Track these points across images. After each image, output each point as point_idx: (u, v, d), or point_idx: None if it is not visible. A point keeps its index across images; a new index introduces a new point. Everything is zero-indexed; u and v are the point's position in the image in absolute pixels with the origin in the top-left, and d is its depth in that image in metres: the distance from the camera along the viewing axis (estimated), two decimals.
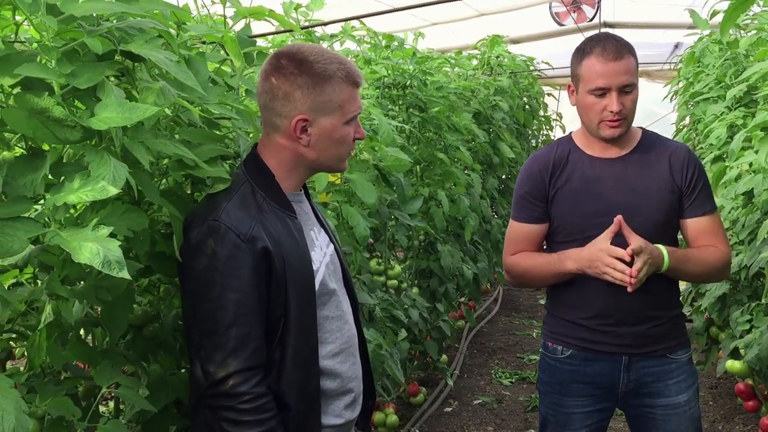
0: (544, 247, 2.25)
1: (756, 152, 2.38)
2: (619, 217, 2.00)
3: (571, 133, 2.21)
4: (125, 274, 1.12)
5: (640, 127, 2.19)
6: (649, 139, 2.15)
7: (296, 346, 1.55)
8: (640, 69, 2.16)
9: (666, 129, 6.26)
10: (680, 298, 2.17)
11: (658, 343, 2.11)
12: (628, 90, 2.02)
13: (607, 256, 1.98)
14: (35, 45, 1.31)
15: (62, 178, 1.25)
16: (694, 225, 2.10)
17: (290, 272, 1.54)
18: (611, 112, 2.01)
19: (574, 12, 8.56)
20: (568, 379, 2.18)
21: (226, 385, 1.46)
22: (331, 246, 1.73)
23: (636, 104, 2.06)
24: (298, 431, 1.56)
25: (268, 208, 1.56)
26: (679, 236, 2.19)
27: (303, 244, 1.60)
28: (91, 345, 1.70)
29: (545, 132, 8.28)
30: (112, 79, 1.44)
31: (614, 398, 2.18)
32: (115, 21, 1.39)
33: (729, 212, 3.06)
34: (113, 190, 1.18)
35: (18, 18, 1.35)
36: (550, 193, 2.15)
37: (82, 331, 1.71)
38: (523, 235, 2.21)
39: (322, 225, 1.75)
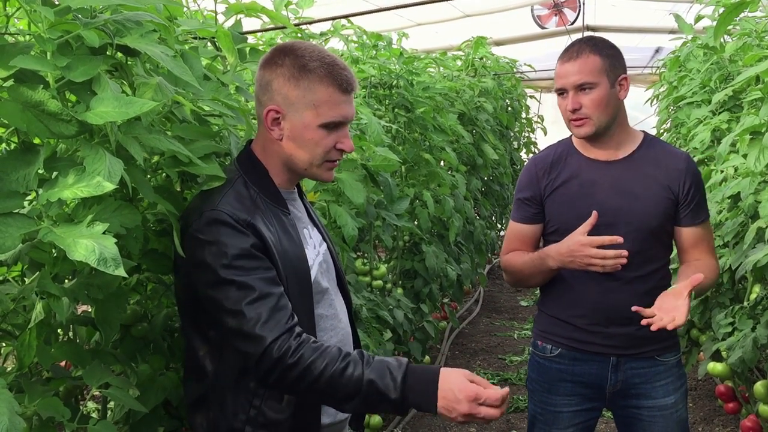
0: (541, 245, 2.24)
1: (744, 156, 2.40)
2: (595, 213, 1.97)
3: (571, 135, 2.21)
4: (121, 272, 1.10)
5: (643, 131, 2.18)
6: (650, 143, 2.14)
7: None
8: None
9: None
10: None
11: (646, 345, 2.12)
12: (585, 88, 2.00)
13: (589, 248, 1.94)
14: (28, 37, 1.27)
15: (55, 173, 1.22)
16: (689, 234, 2.10)
17: (287, 266, 1.52)
18: (569, 110, 2.03)
19: (556, 15, 8.62)
20: (557, 378, 2.19)
21: (274, 353, 1.41)
22: (324, 245, 1.71)
23: (602, 103, 2.01)
24: (297, 429, 1.54)
25: (262, 203, 1.54)
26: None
27: (297, 239, 1.58)
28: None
29: (527, 134, 8.32)
30: (105, 73, 1.41)
31: (602, 398, 2.18)
32: (109, 14, 1.37)
33: (714, 215, 3.08)
34: (109, 186, 1.15)
35: (9, 10, 1.32)
36: (545, 194, 2.15)
37: (60, 330, 1.68)
38: (516, 234, 2.22)
39: (315, 224, 1.73)
